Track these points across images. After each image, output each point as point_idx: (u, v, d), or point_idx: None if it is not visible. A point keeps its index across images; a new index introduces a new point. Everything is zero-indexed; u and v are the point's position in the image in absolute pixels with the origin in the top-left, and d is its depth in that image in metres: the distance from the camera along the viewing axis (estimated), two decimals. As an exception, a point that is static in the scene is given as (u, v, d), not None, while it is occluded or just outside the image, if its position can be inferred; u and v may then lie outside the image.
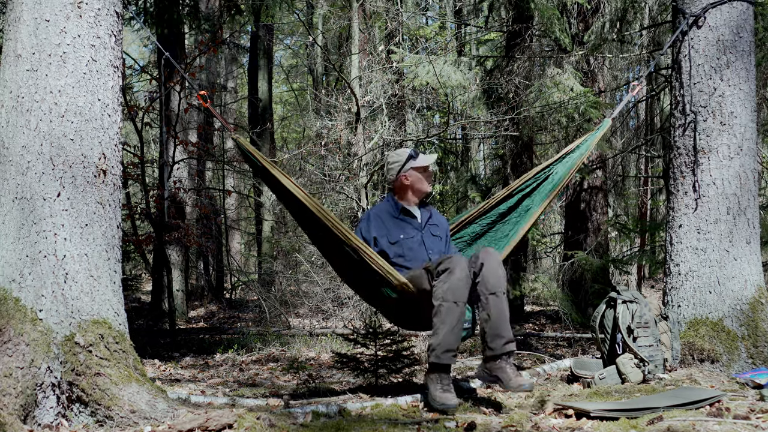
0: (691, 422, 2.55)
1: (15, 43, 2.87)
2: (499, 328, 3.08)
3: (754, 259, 3.90)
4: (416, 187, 3.62)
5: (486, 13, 9.43)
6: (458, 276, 3.07)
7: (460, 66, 7.79)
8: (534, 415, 2.84)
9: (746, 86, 3.93)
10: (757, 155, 4.05)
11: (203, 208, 9.51)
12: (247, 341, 6.14)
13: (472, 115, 8.31)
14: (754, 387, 3.30)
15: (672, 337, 3.77)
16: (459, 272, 3.08)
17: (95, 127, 2.91)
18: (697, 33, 3.97)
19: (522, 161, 8.60)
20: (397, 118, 8.61)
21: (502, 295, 3.13)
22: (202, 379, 4.47)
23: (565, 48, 7.41)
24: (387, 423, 2.75)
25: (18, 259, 2.72)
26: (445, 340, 3.07)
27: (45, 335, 2.65)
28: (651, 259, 7.71)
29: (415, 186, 3.61)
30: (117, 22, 3.05)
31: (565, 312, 7.09)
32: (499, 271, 3.16)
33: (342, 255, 3.42)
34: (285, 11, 9.45)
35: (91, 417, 2.68)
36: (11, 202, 2.76)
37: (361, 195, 7.64)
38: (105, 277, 2.88)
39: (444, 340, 3.07)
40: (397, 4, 8.84)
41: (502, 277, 3.15)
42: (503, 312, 3.10)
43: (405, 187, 3.62)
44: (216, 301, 11.41)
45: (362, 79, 8.18)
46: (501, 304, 3.10)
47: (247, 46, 14.38)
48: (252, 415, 2.66)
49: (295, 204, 3.42)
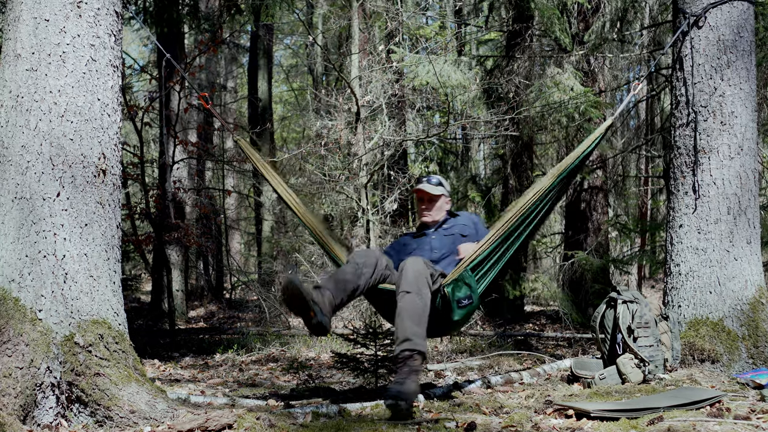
0: (692, 422, 2.55)
1: (14, 43, 2.87)
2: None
3: (755, 259, 3.90)
4: (417, 209, 3.78)
5: (486, 12, 9.43)
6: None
7: (460, 66, 7.79)
8: (534, 415, 2.83)
9: (747, 86, 3.92)
10: (757, 155, 4.04)
11: (203, 208, 9.50)
12: (246, 341, 6.14)
13: (472, 115, 8.31)
14: (755, 387, 3.29)
15: (672, 337, 3.77)
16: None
17: (95, 126, 2.91)
18: (698, 33, 3.97)
19: (522, 161, 8.60)
20: (397, 118, 8.60)
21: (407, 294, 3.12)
22: (202, 380, 4.47)
23: (565, 48, 7.41)
24: (387, 423, 2.75)
25: (17, 259, 2.71)
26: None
27: (44, 335, 2.64)
28: (651, 259, 7.71)
29: (417, 208, 3.76)
30: (117, 21, 3.05)
31: (565, 312, 7.09)
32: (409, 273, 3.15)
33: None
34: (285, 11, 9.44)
35: (91, 417, 2.67)
36: (11, 201, 2.76)
37: (361, 195, 7.63)
38: (105, 277, 2.87)
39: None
40: (397, 4, 8.83)
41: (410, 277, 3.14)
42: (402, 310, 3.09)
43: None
44: (216, 301, 11.41)
45: (362, 79, 8.17)
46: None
47: (247, 45, 14.38)
48: (252, 415, 2.66)
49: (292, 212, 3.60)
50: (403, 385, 2.93)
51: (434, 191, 3.71)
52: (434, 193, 3.71)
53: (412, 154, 11.72)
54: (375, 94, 7.97)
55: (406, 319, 3.05)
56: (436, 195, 3.71)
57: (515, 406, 3.08)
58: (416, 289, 3.08)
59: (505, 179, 8.68)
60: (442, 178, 3.80)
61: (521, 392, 3.49)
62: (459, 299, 3.30)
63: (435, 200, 3.71)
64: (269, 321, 7.57)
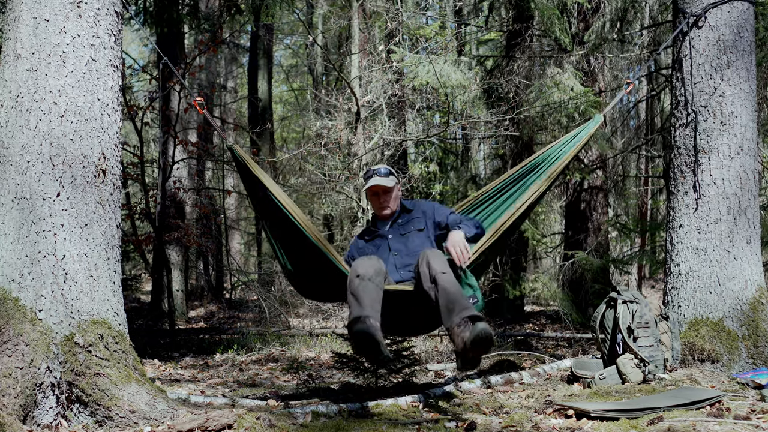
0: (692, 422, 2.55)
1: (14, 43, 2.87)
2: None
3: (755, 259, 3.90)
4: (371, 205, 3.68)
5: (486, 12, 9.42)
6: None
7: (460, 66, 7.79)
8: (534, 415, 2.83)
9: (747, 86, 3.92)
10: (757, 155, 4.04)
11: (203, 208, 9.50)
12: (246, 341, 6.14)
13: (472, 114, 8.30)
14: (755, 387, 3.29)
15: (672, 337, 3.77)
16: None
17: (95, 126, 2.91)
18: (698, 33, 3.97)
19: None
20: (397, 118, 8.61)
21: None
22: (202, 380, 4.47)
23: (565, 48, 7.41)
24: (387, 423, 2.75)
25: (17, 259, 2.71)
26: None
27: (44, 335, 2.64)
28: (651, 259, 7.71)
29: (370, 204, 3.68)
30: (116, 21, 3.05)
31: (565, 312, 7.09)
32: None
33: (324, 276, 3.44)
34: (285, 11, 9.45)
35: (91, 417, 2.67)
36: (11, 201, 2.76)
37: (361, 195, 7.63)
38: (104, 277, 2.87)
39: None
40: (397, 4, 8.83)
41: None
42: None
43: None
44: (216, 301, 11.40)
45: (362, 79, 8.17)
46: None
47: (247, 45, 14.38)
48: (252, 415, 2.66)
49: (281, 221, 3.41)
50: (485, 326, 2.86)
51: (388, 183, 3.58)
52: (388, 185, 3.59)
53: (412, 154, 11.72)
54: (375, 94, 7.97)
55: (454, 292, 2.96)
56: (390, 186, 3.60)
57: (515, 406, 3.08)
58: (447, 269, 3.04)
59: (505, 179, 8.67)
60: (389, 167, 3.69)
61: (521, 392, 3.49)
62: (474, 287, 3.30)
63: (390, 191, 3.60)
64: (269, 321, 7.57)
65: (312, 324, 7.46)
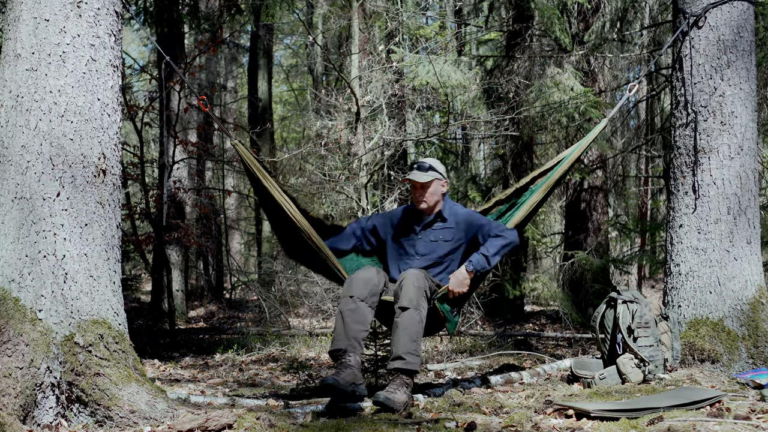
0: (692, 422, 2.55)
1: (14, 43, 2.87)
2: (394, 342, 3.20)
3: (755, 259, 3.90)
4: (413, 196, 3.68)
5: (486, 12, 9.42)
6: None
7: (460, 66, 7.78)
8: (534, 414, 2.83)
9: (747, 86, 3.92)
10: (757, 155, 4.04)
11: (203, 208, 9.49)
12: (246, 341, 6.13)
13: (472, 114, 8.30)
14: (755, 387, 3.29)
15: (672, 337, 3.77)
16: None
17: (95, 126, 2.91)
18: (698, 33, 3.97)
19: (522, 161, 8.59)
20: (397, 118, 8.60)
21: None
22: (202, 379, 4.47)
23: (565, 48, 7.41)
24: (387, 423, 2.75)
25: (17, 259, 2.71)
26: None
27: (44, 335, 2.64)
28: (651, 259, 7.71)
29: (412, 196, 3.67)
30: (116, 21, 3.05)
31: (565, 312, 7.09)
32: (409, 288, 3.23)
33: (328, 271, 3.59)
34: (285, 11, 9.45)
35: (91, 417, 2.67)
36: (11, 201, 2.76)
37: (361, 195, 7.63)
38: (104, 277, 2.87)
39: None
40: (397, 4, 8.82)
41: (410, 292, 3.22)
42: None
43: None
44: (216, 301, 11.40)
45: (362, 79, 8.17)
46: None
47: (247, 45, 14.38)
48: (252, 415, 2.66)
49: (284, 219, 3.50)
50: (393, 394, 3.03)
51: (424, 178, 3.57)
52: (424, 181, 3.58)
53: (412, 154, 11.71)
54: (375, 94, 7.97)
55: (403, 336, 3.15)
56: (426, 182, 3.59)
57: (515, 406, 3.08)
58: (415, 304, 3.18)
59: (505, 179, 8.67)
60: (434, 161, 3.67)
61: (521, 392, 3.49)
62: (450, 310, 3.46)
63: (427, 186, 3.60)
64: (269, 321, 7.57)
65: (312, 324, 7.46)
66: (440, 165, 3.68)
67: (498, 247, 3.46)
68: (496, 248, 3.46)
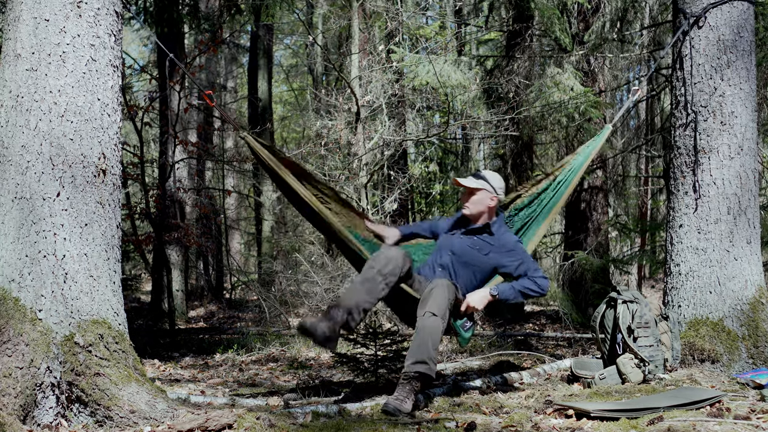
0: (692, 422, 2.55)
1: (14, 43, 2.87)
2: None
3: (755, 259, 3.90)
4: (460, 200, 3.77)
5: (486, 12, 9.43)
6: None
7: (460, 66, 7.79)
8: (534, 414, 2.83)
9: (747, 86, 3.92)
10: (757, 155, 4.04)
11: (203, 208, 9.50)
12: (246, 341, 6.13)
13: (472, 114, 8.30)
14: (755, 387, 3.29)
15: (672, 337, 3.77)
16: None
17: (95, 126, 2.91)
18: (698, 33, 3.97)
19: (522, 161, 8.60)
20: (397, 118, 8.60)
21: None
22: (202, 379, 4.47)
23: (565, 48, 7.41)
24: (387, 423, 2.75)
25: (17, 259, 2.71)
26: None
27: (44, 335, 2.64)
28: (651, 259, 7.71)
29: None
30: (117, 21, 3.05)
31: (565, 312, 7.09)
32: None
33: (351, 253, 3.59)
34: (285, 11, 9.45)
35: (91, 417, 2.67)
36: (11, 201, 2.76)
37: (361, 195, 7.63)
38: (104, 277, 2.87)
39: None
40: (397, 4, 8.82)
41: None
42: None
43: None
44: (216, 301, 11.40)
45: (362, 79, 8.17)
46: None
47: (247, 45, 14.38)
48: (252, 415, 2.66)
49: (304, 204, 3.53)
50: (402, 404, 2.99)
51: (469, 183, 3.60)
52: (468, 185, 3.60)
53: (412, 154, 11.72)
54: (375, 94, 7.97)
55: (429, 341, 3.11)
56: (472, 187, 3.60)
57: (515, 406, 3.08)
58: (442, 314, 3.15)
59: (505, 179, 8.67)
60: (492, 175, 3.66)
61: (521, 392, 3.49)
62: (462, 324, 3.44)
63: (471, 193, 3.61)
64: (269, 321, 7.57)
65: (312, 324, 7.44)
66: (497, 180, 3.65)
67: (527, 290, 3.45)
68: (525, 289, 3.45)
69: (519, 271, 3.50)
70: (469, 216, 3.63)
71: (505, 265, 3.52)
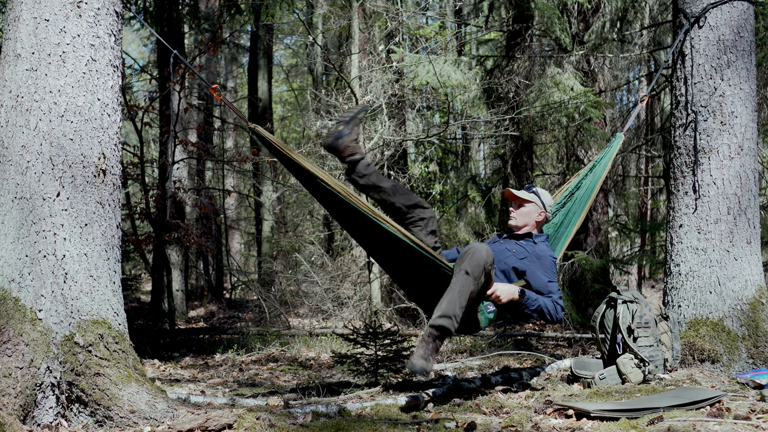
0: (692, 422, 2.55)
1: (14, 43, 2.87)
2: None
3: (755, 259, 3.90)
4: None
5: (486, 12, 9.43)
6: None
7: (460, 66, 7.79)
8: (534, 415, 2.83)
9: (747, 86, 3.92)
10: (757, 155, 4.04)
11: (203, 208, 9.50)
12: (247, 341, 6.14)
13: (472, 114, 8.30)
14: (755, 387, 3.29)
15: (672, 337, 3.77)
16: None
17: (95, 126, 2.91)
18: (698, 33, 3.97)
19: (522, 161, 8.60)
20: (397, 118, 8.60)
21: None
22: (202, 379, 4.47)
23: (565, 48, 7.41)
24: (387, 423, 2.75)
25: (17, 259, 2.72)
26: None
27: (44, 335, 2.64)
28: (651, 259, 7.71)
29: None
30: (117, 21, 3.05)
31: (565, 312, 7.09)
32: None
33: (375, 234, 3.36)
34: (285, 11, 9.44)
35: (91, 417, 2.67)
36: (11, 201, 2.76)
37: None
38: (104, 277, 2.87)
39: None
40: (397, 4, 8.82)
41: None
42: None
43: None
44: (216, 301, 11.41)
45: (362, 79, 8.17)
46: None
47: (247, 45, 14.38)
48: (252, 415, 2.66)
49: (321, 188, 3.39)
50: (428, 363, 2.99)
51: (520, 194, 3.65)
52: (519, 196, 3.64)
53: (412, 154, 11.71)
54: (375, 94, 7.97)
55: (458, 297, 3.08)
56: (522, 198, 3.64)
57: (515, 406, 3.08)
58: (476, 275, 3.13)
59: (505, 179, 8.68)
60: (544, 192, 3.71)
61: (521, 392, 3.49)
62: (486, 306, 3.42)
63: (522, 204, 3.65)
64: (269, 321, 7.57)
65: (312, 324, 7.46)
66: (548, 197, 3.70)
67: (546, 309, 3.48)
68: (546, 308, 3.47)
69: (544, 288, 3.49)
70: (514, 227, 3.67)
71: (535, 274, 3.51)
